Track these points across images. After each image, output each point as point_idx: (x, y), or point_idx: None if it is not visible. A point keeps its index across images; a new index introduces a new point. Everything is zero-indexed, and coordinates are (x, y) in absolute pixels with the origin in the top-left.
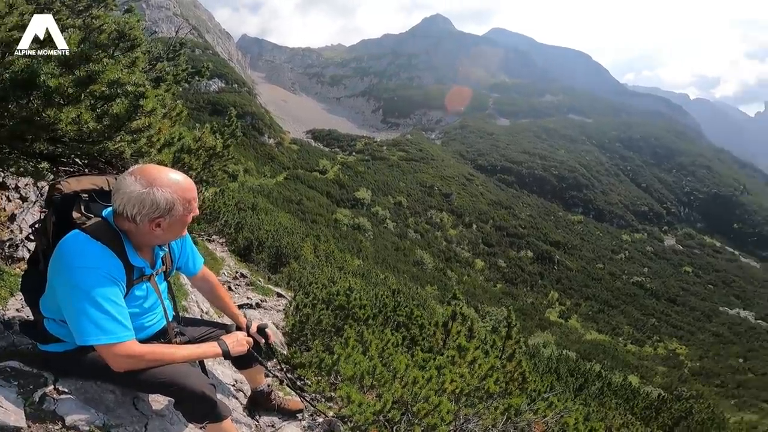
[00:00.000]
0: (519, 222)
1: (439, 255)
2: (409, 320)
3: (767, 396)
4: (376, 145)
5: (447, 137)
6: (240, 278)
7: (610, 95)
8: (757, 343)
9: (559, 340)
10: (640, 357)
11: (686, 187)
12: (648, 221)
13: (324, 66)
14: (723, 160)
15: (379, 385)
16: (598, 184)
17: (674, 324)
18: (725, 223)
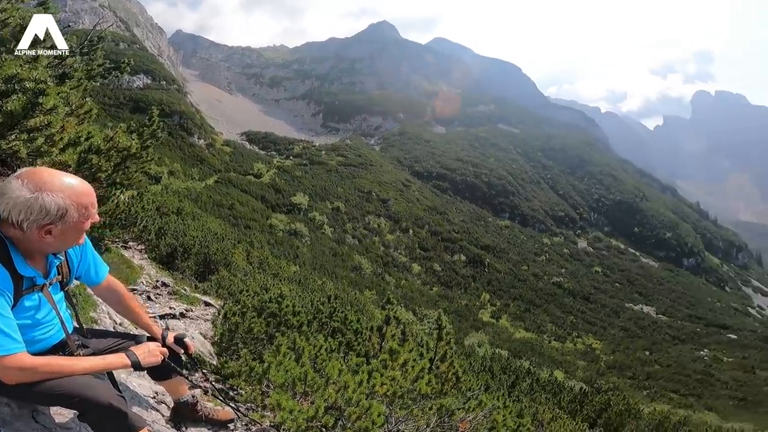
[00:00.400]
0: (452, 227)
1: (377, 260)
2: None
3: (674, 386)
4: (315, 149)
5: (386, 143)
6: (161, 287)
7: (535, 107)
8: (659, 336)
9: (492, 339)
10: (563, 353)
11: (595, 194)
12: (564, 225)
13: (264, 66)
14: (626, 170)
15: (312, 391)
16: (523, 191)
17: (589, 320)
18: (628, 227)
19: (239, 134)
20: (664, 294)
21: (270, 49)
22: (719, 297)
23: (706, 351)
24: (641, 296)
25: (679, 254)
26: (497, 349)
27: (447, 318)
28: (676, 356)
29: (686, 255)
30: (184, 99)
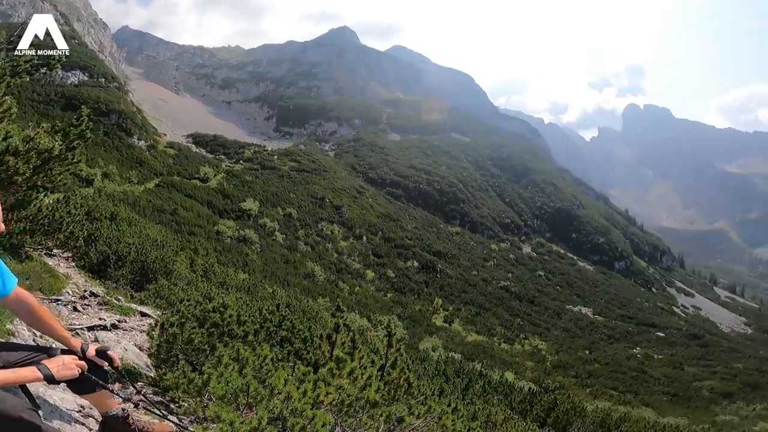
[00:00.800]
0: (406, 234)
1: (331, 267)
2: (292, 334)
3: (612, 383)
4: (267, 153)
5: (340, 149)
6: (90, 297)
7: (486, 117)
8: (597, 336)
9: (446, 343)
10: (512, 354)
11: (538, 202)
12: (510, 232)
13: (216, 67)
14: (565, 178)
15: (256, 402)
16: (473, 198)
17: (534, 322)
18: (566, 233)
19: (185, 136)
20: (599, 296)
21: (224, 50)
22: (647, 297)
23: (638, 349)
24: (579, 298)
25: (611, 258)
26: (451, 352)
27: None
28: (613, 354)
29: (617, 259)
30: (124, 98)
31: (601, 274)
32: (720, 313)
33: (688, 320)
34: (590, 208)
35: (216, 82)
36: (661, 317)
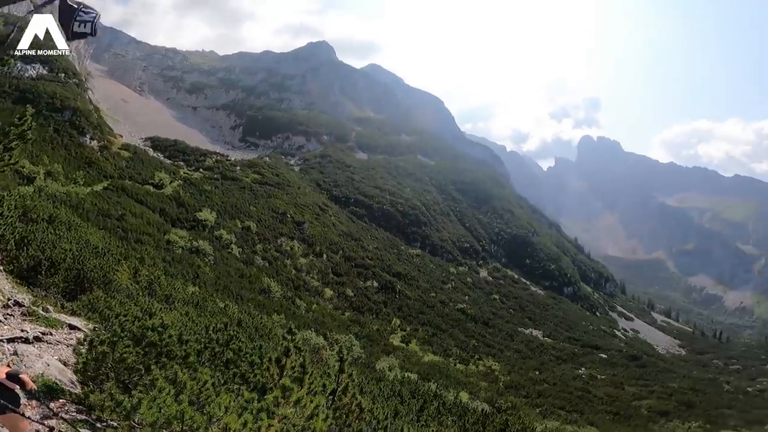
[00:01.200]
0: (367, 253)
1: (288, 283)
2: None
3: (560, 403)
4: (229, 163)
5: (306, 165)
6: (14, 306)
7: (452, 141)
8: (546, 357)
9: (402, 363)
10: (467, 374)
11: (496, 228)
12: (468, 256)
13: (187, 71)
14: (522, 206)
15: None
16: (434, 222)
17: (488, 344)
18: (521, 259)
19: (143, 139)
20: (548, 319)
21: (198, 54)
22: (591, 321)
23: (583, 369)
24: (531, 321)
25: (560, 284)
26: (407, 372)
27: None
28: (560, 375)
29: (566, 284)
30: (82, 95)
31: (551, 299)
32: (656, 335)
33: (627, 342)
34: (543, 235)
35: (184, 86)
36: (604, 339)
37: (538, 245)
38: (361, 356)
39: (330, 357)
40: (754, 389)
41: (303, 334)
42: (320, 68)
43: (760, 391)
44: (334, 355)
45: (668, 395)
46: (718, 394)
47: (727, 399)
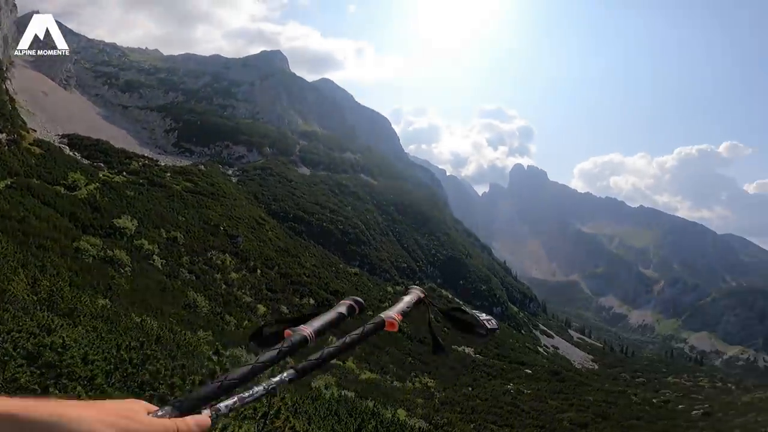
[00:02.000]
0: (304, 270)
1: (217, 298)
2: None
3: (492, 418)
4: (158, 169)
5: (245, 176)
6: None
7: (395, 162)
8: (478, 373)
9: (339, 381)
10: (404, 391)
11: (433, 250)
12: (406, 276)
13: (124, 68)
14: (458, 229)
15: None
16: (374, 241)
17: (424, 361)
18: (455, 280)
19: (59, 136)
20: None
21: (139, 51)
22: (517, 338)
23: (511, 385)
24: (464, 339)
25: (490, 303)
26: (344, 390)
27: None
28: (491, 390)
29: (495, 304)
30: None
31: None
32: (573, 351)
33: (549, 358)
34: (476, 257)
35: (117, 83)
36: (528, 356)
37: (472, 267)
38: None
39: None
40: (658, 400)
41: (233, 351)
42: (270, 78)
43: (664, 402)
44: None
45: (586, 407)
46: (627, 406)
47: (636, 410)
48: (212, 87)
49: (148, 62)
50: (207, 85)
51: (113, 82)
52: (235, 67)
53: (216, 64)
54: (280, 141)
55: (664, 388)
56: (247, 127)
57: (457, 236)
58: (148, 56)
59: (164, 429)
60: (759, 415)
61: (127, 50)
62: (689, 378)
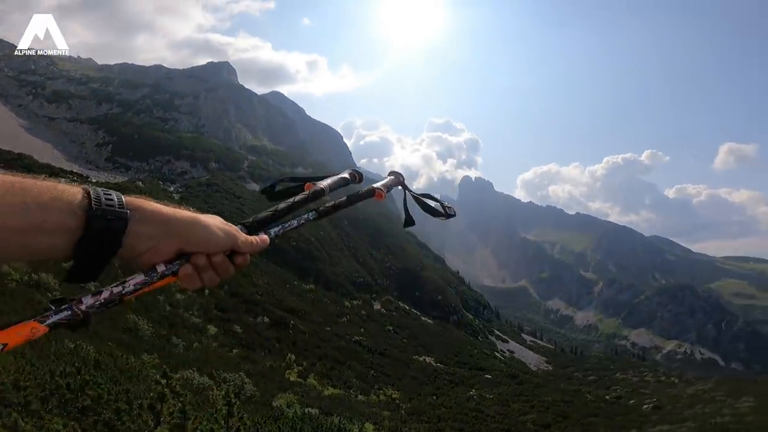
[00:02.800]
0: (256, 289)
1: (161, 321)
2: (97, 404)
3: (459, 425)
4: (88, 185)
5: (189, 193)
6: None
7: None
8: (441, 382)
9: (302, 398)
10: (369, 405)
11: (388, 263)
12: (363, 290)
13: (52, 77)
14: (411, 242)
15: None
16: (328, 257)
17: (387, 373)
18: (411, 291)
19: None
20: (439, 346)
21: (70, 60)
22: (475, 345)
23: (474, 391)
24: (424, 349)
25: (446, 312)
26: (307, 408)
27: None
28: (455, 397)
29: (451, 313)
30: None
31: (439, 327)
32: (527, 354)
33: (506, 362)
34: (430, 268)
35: (43, 93)
36: (487, 361)
37: (426, 278)
38: (254, 394)
39: (217, 397)
40: (611, 397)
41: (183, 374)
42: (217, 90)
43: (616, 398)
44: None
45: (546, 408)
46: (584, 404)
47: (592, 408)
48: (152, 99)
49: (80, 71)
50: (146, 96)
51: (39, 92)
52: (179, 78)
53: (157, 75)
54: (227, 156)
55: (614, 384)
56: (191, 141)
57: (411, 249)
58: (79, 65)
59: (249, 240)
60: (705, 407)
61: (56, 58)
62: (635, 373)
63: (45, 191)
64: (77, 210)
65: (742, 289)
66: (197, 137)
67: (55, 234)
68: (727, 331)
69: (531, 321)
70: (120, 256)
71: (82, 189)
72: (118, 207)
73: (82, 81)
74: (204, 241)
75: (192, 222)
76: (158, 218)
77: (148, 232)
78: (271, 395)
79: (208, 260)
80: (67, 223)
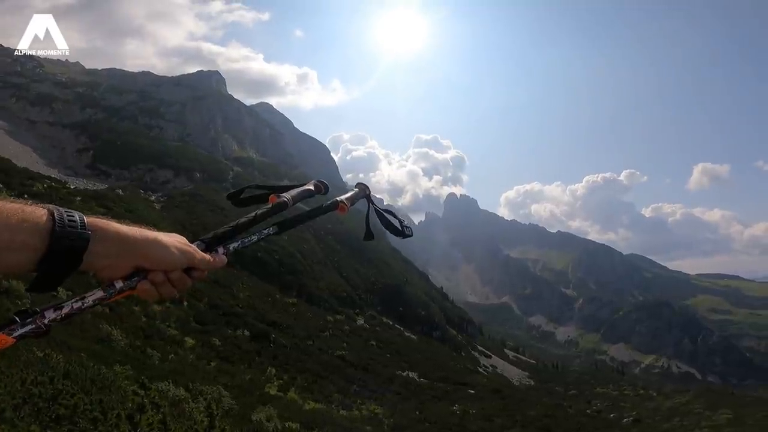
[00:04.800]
0: (237, 302)
1: (137, 332)
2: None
3: None
4: (67, 192)
5: (171, 203)
6: None
7: (334, 191)
8: (424, 397)
9: (282, 412)
10: (351, 420)
11: (372, 278)
12: (346, 305)
13: (38, 79)
14: (395, 257)
15: None
16: (312, 271)
17: (370, 389)
18: (395, 306)
19: None
20: (422, 361)
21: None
22: (458, 360)
23: (457, 406)
24: (407, 364)
25: (430, 328)
26: (288, 422)
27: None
28: (438, 413)
29: (435, 329)
30: None
31: (423, 342)
32: (510, 369)
33: (489, 377)
34: (414, 284)
35: (27, 96)
36: (470, 376)
37: (410, 294)
38: (233, 408)
39: (194, 410)
40: (591, 411)
41: (158, 386)
42: (204, 99)
43: (597, 412)
44: (200, 409)
45: (529, 423)
46: (566, 418)
47: (574, 422)
48: (137, 105)
49: (66, 75)
50: (132, 102)
51: (23, 94)
52: (167, 85)
53: (144, 82)
54: (212, 166)
55: (595, 398)
56: (176, 150)
57: (395, 264)
58: (66, 69)
59: (205, 258)
60: (683, 419)
61: (44, 61)
62: (614, 388)
63: (13, 213)
64: (42, 231)
65: (717, 305)
66: (182, 146)
67: (21, 252)
68: (703, 345)
69: (513, 336)
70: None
71: (47, 211)
72: (80, 228)
73: (67, 84)
74: (161, 260)
75: (150, 242)
76: (117, 238)
77: (107, 251)
78: (250, 409)
79: (165, 276)
80: (33, 243)
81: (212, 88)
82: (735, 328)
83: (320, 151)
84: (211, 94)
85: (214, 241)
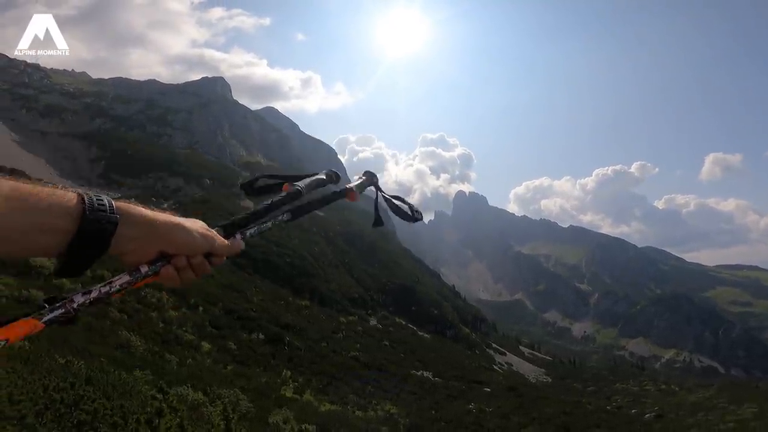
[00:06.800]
0: (251, 305)
1: (155, 337)
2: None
3: None
4: None
5: (183, 210)
6: None
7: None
8: (439, 396)
9: (298, 414)
10: (367, 420)
11: (383, 278)
12: (358, 306)
13: (46, 90)
14: (406, 257)
15: None
16: (323, 273)
17: (384, 389)
18: (407, 306)
19: None
20: (436, 360)
21: (64, 74)
22: (473, 358)
23: (473, 404)
24: (421, 363)
25: (443, 327)
26: (304, 424)
27: (246, 397)
28: (454, 412)
29: (448, 327)
30: None
31: (436, 342)
32: (526, 366)
33: (504, 375)
34: (426, 284)
35: (36, 107)
36: (485, 374)
37: (422, 293)
38: (250, 410)
39: (213, 414)
40: (611, 407)
41: (177, 390)
42: (211, 105)
43: (617, 408)
44: (217, 412)
45: (547, 420)
46: (584, 415)
47: (594, 419)
48: (145, 114)
49: (73, 85)
50: (140, 111)
51: (32, 105)
52: (172, 93)
53: (151, 90)
54: (221, 172)
55: (614, 394)
56: (185, 158)
57: (406, 264)
58: (73, 79)
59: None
60: (708, 414)
61: (50, 72)
62: (635, 383)
63: (45, 196)
64: (73, 214)
65: (737, 297)
66: (191, 153)
67: (52, 235)
68: (725, 338)
69: (528, 333)
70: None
71: (77, 195)
72: (109, 212)
73: (76, 95)
74: (184, 244)
75: (174, 226)
76: (144, 222)
77: (133, 234)
78: (266, 411)
79: (187, 261)
80: (64, 225)
81: (217, 93)
82: (757, 319)
83: (327, 153)
84: (217, 100)
85: (233, 228)
